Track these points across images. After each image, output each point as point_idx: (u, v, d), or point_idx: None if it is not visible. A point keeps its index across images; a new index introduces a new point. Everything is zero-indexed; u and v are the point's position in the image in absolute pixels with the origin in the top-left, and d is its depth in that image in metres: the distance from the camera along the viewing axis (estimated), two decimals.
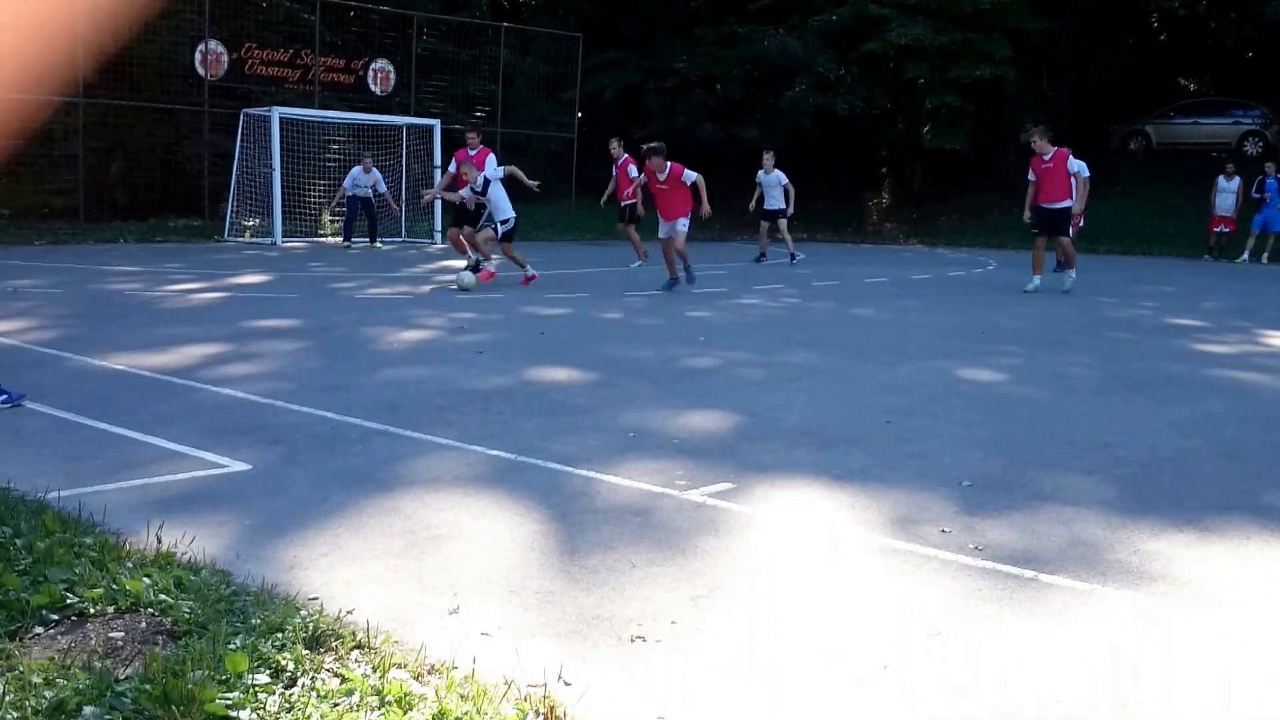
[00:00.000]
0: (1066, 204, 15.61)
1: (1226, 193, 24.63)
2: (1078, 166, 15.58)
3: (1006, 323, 12.37)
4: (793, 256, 20.79)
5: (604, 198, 20.50)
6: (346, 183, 22.91)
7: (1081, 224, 16.69)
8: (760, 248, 21.34)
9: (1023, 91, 32.18)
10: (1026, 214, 15.99)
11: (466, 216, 16.08)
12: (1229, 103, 32.35)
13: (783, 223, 20.72)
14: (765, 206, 20.80)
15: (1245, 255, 24.43)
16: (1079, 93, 33.43)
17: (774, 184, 20.60)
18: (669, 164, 14.88)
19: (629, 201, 19.08)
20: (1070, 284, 15.91)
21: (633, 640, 3.57)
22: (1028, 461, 6.00)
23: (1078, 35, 32.66)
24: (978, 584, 4.14)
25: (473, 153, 17.85)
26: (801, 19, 32.15)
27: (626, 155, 19.32)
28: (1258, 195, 24.28)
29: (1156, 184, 29.61)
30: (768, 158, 20.69)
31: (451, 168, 17.47)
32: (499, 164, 17.16)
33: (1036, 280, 16.01)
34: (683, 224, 14.88)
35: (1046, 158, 15.56)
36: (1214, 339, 11.38)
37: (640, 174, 16.78)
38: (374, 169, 22.88)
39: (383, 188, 22.98)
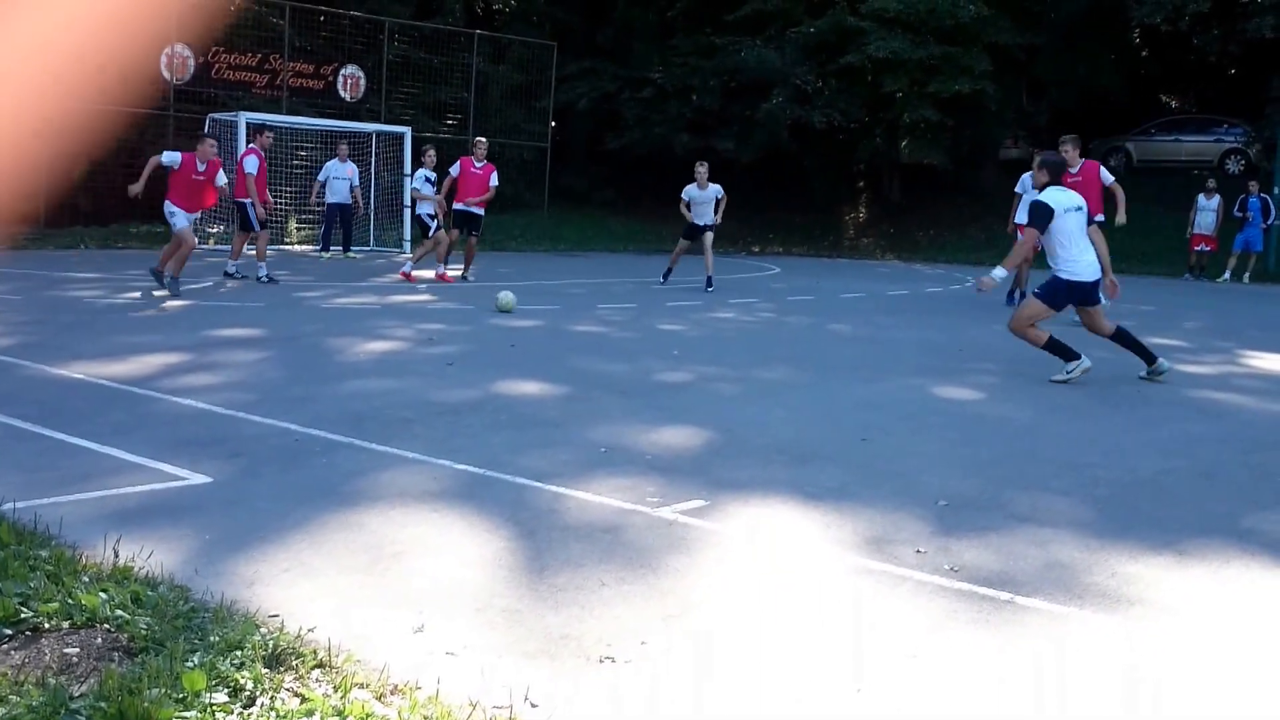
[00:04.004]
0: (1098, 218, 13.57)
1: (1207, 211, 24.62)
2: (1111, 179, 14.10)
3: (984, 340, 12.36)
4: (710, 282, 18.32)
5: None
6: (322, 175, 22.53)
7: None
8: (671, 266, 18.92)
9: (1002, 106, 32.30)
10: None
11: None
12: (1211, 120, 32.51)
13: (709, 237, 18.40)
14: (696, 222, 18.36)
15: (1226, 275, 24.44)
16: (1060, 108, 33.55)
17: (709, 199, 18.33)
18: None
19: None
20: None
21: (601, 660, 3.52)
22: (1005, 481, 5.97)
23: (1059, 50, 32.80)
24: (953, 606, 4.10)
25: (478, 165, 17.58)
26: (779, 30, 32.22)
27: None
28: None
29: (1137, 201, 29.63)
30: (702, 170, 18.41)
31: (454, 170, 17.46)
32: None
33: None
34: None
35: (1074, 170, 13.66)
36: (1194, 359, 11.38)
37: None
38: (349, 160, 22.44)
39: (356, 181, 22.63)
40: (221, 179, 14.52)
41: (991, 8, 30.39)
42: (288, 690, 3.14)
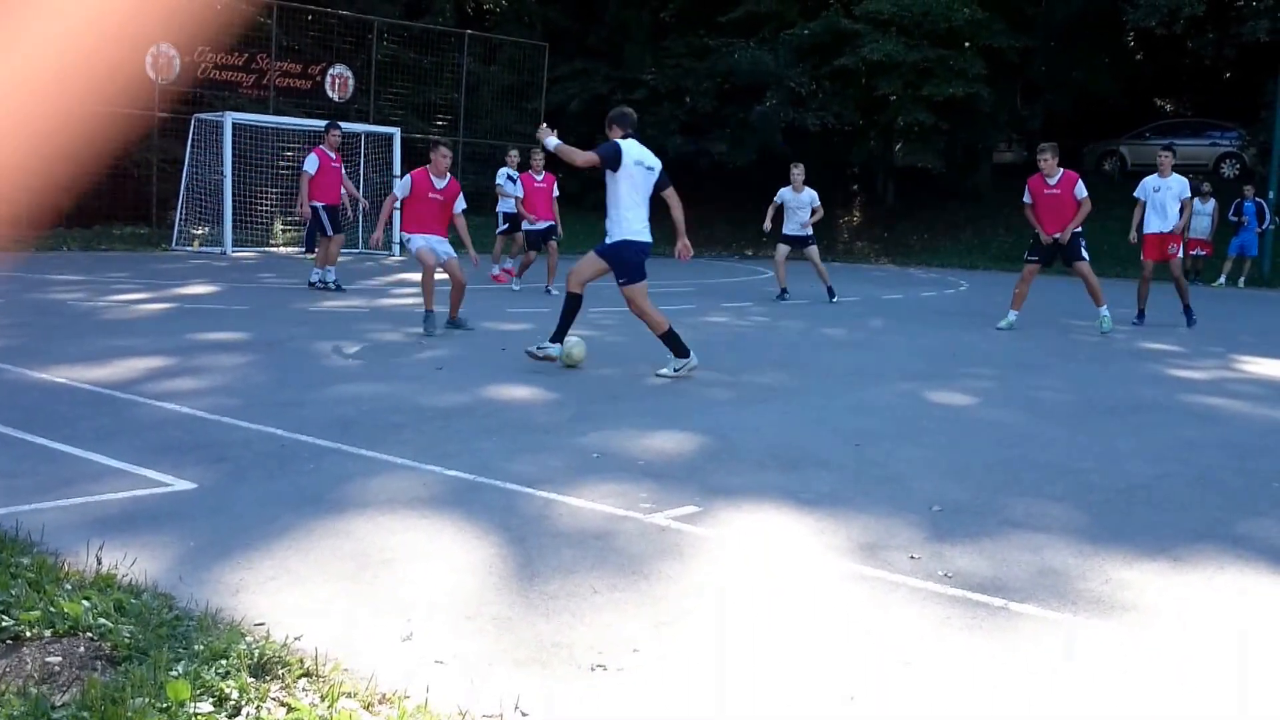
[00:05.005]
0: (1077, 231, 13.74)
1: (1201, 215, 24.52)
2: (1084, 194, 13.76)
3: (978, 345, 12.34)
4: (831, 292, 17.36)
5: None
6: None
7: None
8: (779, 280, 17.70)
9: (996, 110, 32.29)
10: (1044, 237, 13.77)
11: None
12: (1205, 124, 32.46)
13: (813, 250, 17.62)
14: (786, 231, 17.69)
15: (1222, 279, 24.37)
16: (1054, 112, 33.54)
17: (804, 204, 17.42)
18: None
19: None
20: (1105, 323, 13.75)
21: (593, 669, 3.49)
22: (998, 487, 5.94)
23: (1053, 53, 32.81)
24: (947, 612, 4.08)
25: (539, 178, 16.90)
26: (773, 32, 32.22)
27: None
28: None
29: (1131, 206, 29.55)
30: (797, 173, 17.42)
31: (518, 190, 16.93)
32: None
33: (1012, 316, 13.98)
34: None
35: (1052, 181, 13.70)
36: (1189, 364, 11.36)
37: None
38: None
39: (350, 187, 22.26)
40: (462, 204, 11.94)
41: (986, 10, 30.40)
42: (274, 700, 3.11)
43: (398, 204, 12.03)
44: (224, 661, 3.25)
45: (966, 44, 30.62)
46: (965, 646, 3.77)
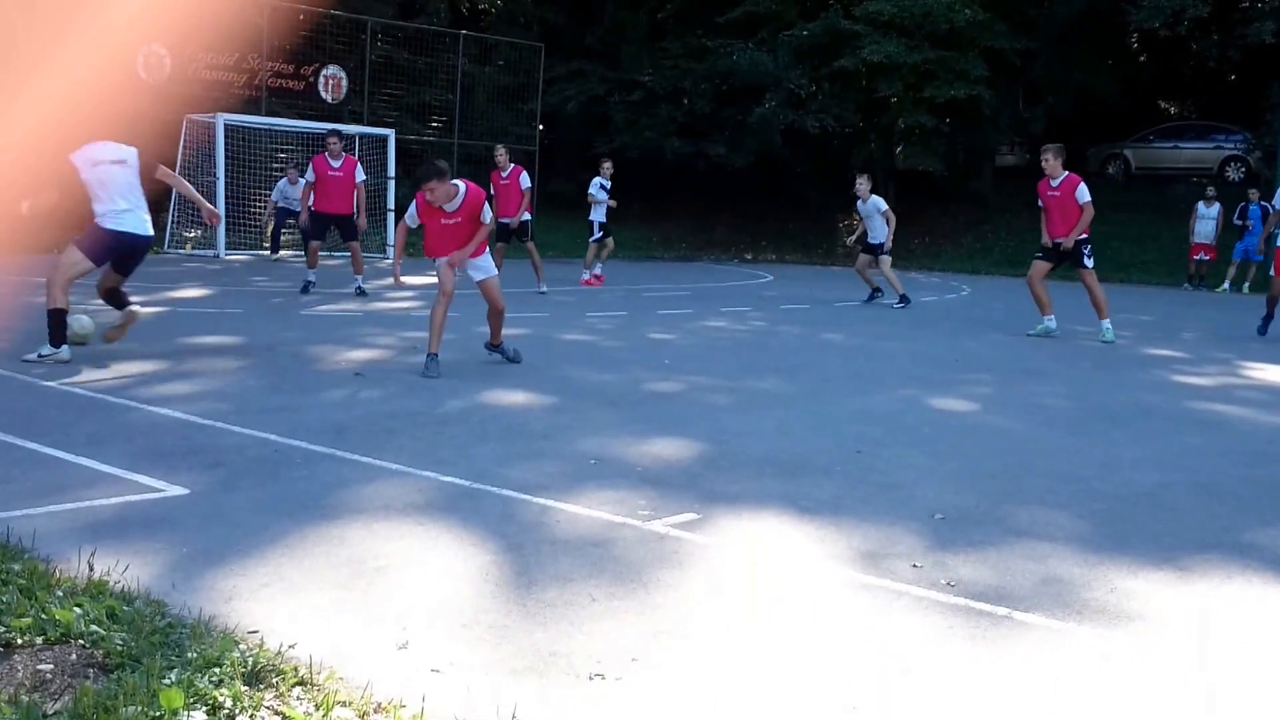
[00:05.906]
0: (1083, 236, 13.57)
1: (1206, 219, 24.46)
2: (1087, 199, 13.52)
3: (979, 350, 12.32)
4: (871, 296, 18.20)
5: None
6: (275, 195, 22.46)
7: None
8: (870, 286, 18.30)
9: (998, 112, 32.25)
10: (1045, 240, 13.75)
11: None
12: (1210, 127, 32.45)
13: (867, 259, 18.09)
14: (869, 241, 18.09)
15: (1226, 284, 24.29)
16: (1056, 114, 33.50)
17: (872, 212, 17.82)
18: None
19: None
20: (1107, 334, 13.53)
21: (591, 678, 3.46)
22: (1001, 495, 5.90)
23: (1055, 55, 32.75)
24: (949, 621, 4.04)
25: (505, 175, 17.17)
26: (772, 34, 32.16)
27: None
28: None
29: (1135, 210, 29.65)
30: (860, 184, 17.87)
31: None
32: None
33: (1051, 323, 13.87)
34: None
35: (1054, 183, 13.55)
36: (1193, 370, 11.33)
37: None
38: (300, 180, 22.35)
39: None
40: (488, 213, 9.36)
41: (987, 12, 30.35)
42: (268, 709, 3.09)
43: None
44: (217, 669, 3.23)
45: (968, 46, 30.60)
46: (968, 656, 3.74)
